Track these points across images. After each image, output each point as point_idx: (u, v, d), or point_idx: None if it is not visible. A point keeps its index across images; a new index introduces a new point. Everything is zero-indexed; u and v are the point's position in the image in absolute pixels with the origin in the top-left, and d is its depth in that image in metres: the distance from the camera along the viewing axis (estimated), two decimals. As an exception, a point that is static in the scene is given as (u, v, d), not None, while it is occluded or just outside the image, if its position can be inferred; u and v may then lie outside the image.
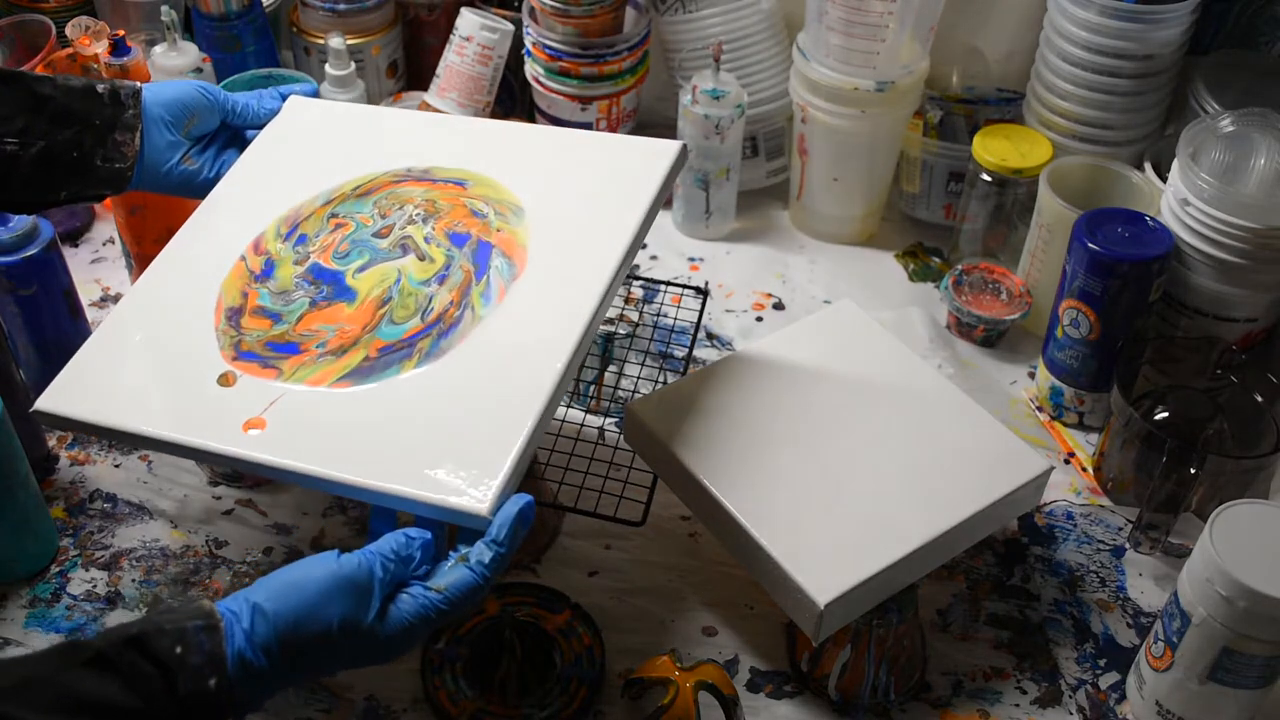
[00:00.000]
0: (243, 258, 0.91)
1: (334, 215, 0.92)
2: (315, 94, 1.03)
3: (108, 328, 0.88)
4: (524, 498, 0.75)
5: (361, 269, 0.88)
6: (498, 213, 0.90)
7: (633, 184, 0.90)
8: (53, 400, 0.85)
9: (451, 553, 0.75)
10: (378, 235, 0.90)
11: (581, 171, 0.93)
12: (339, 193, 0.94)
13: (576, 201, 0.90)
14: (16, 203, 0.91)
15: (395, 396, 0.81)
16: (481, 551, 0.74)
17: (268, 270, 0.89)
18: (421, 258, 0.88)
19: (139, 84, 0.93)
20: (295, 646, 0.69)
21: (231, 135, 0.99)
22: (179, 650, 0.65)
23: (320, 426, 0.80)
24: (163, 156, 0.93)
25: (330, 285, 0.87)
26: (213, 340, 0.86)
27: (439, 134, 0.99)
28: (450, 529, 0.77)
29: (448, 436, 0.78)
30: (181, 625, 0.67)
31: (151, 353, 0.86)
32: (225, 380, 0.83)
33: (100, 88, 0.91)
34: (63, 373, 0.86)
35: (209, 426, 0.81)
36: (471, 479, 0.75)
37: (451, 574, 0.73)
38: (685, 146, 0.93)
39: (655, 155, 0.92)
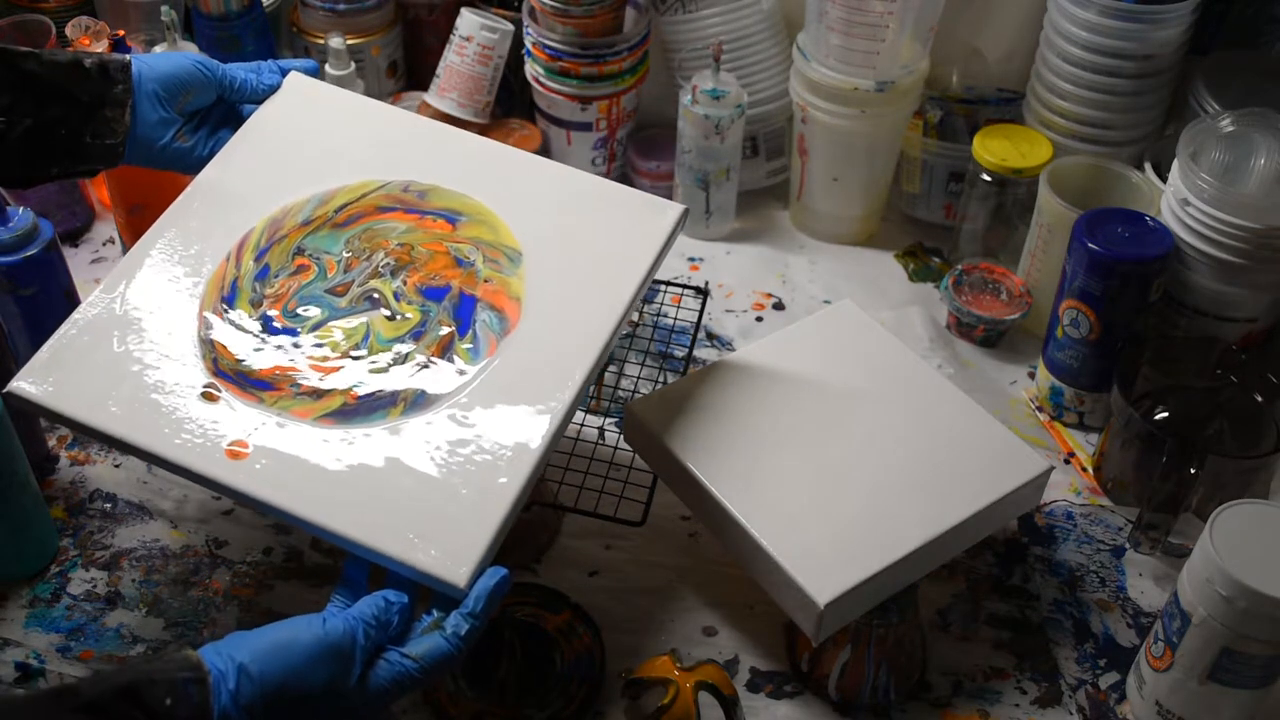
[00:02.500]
0: (227, 257, 0.88)
1: (300, 251, 0.88)
2: (316, 73, 1.00)
3: (90, 311, 0.85)
4: (500, 571, 0.76)
5: (319, 324, 0.85)
6: (488, 259, 0.88)
7: (635, 242, 0.89)
8: (29, 385, 0.82)
9: (425, 615, 0.76)
10: (333, 292, 0.86)
11: (585, 220, 0.91)
12: (323, 210, 0.91)
13: (577, 253, 0.88)
14: (7, 179, 0.90)
15: (381, 444, 0.80)
16: (458, 623, 0.74)
17: (230, 297, 0.86)
18: (392, 316, 0.85)
19: (128, 57, 0.91)
20: (278, 709, 0.69)
21: (227, 111, 0.97)
22: (169, 702, 0.66)
23: (305, 464, 0.79)
24: (155, 133, 0.91)
25: (287, 338, 0.84)
26: (195, 347, 0.84)
27: (447, 149, 0.95)
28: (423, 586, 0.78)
29: (431, 497, 0.77)
30: (172, 677, 0.67)
31: (136, 348, 0.84)
32: (209, 395, 0.82)
33: (88, 62, 0.89)
34: (40, 353, 0.83)
35: (191, 444, 0.79)
36: (451, 548, 0.75)
37: (426, 642, 0.74)
38: (686, 210, 0.93)
39: (659, 215, 0.91)
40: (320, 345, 0.84)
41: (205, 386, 0.82)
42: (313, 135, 0.95)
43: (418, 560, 0.75)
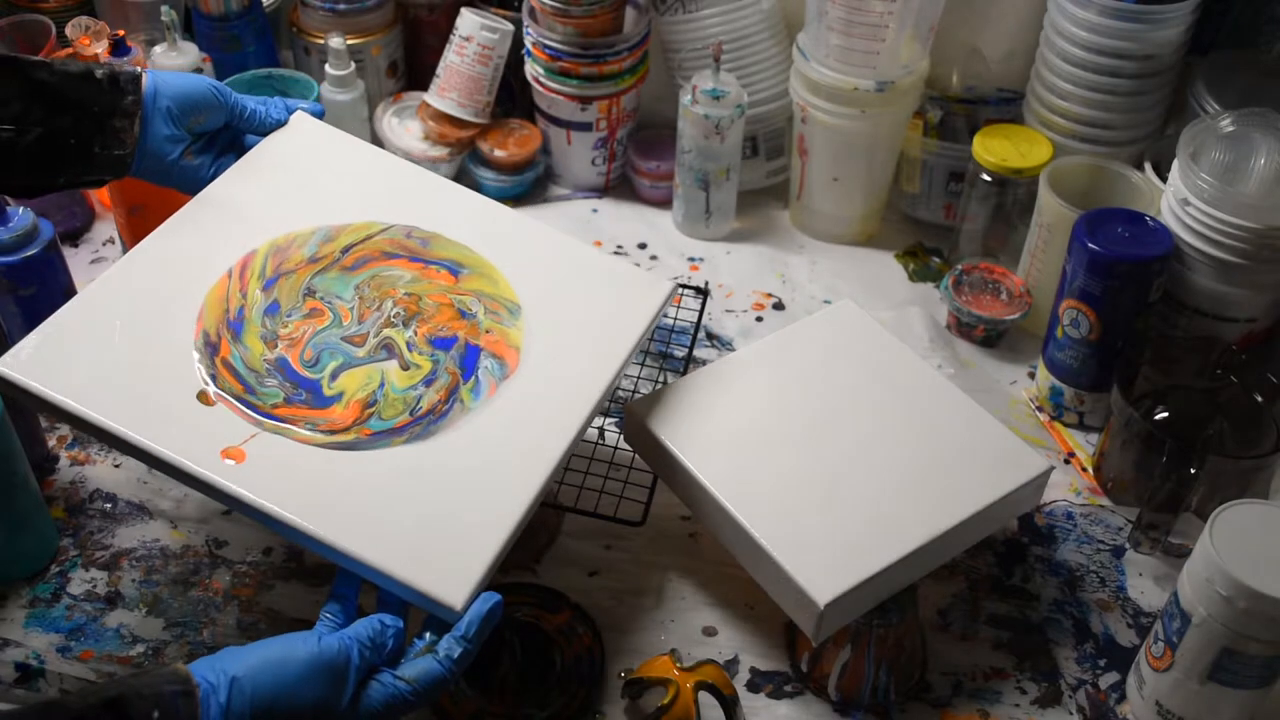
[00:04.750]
0: (229, 273, 0.89)
1: (311, 292, 0.89)
2: (321, 115, 1.02)
3: (85, 302, 0.86)
4: (494, 596, 0.76)
5: (338, 372, 0.85)
6: (489, 310, 0.90)
7: (628, 312, 0.92)
8: (16, 367, 0.81)
9: (417, 639, 0.76)
10: (350, 341, 0.87)
11: (580, 284, 0.94)
12: (330, 248, 0.92)
13: (572, 314, 0.91)
14: (14, 188, 0.90)
15: (381, 467, 0.80)
16: (451, 647, 0.75)
17: (238, 326, 0.86)
18: (405, 367, 0.86)
19: (139, 69, 0.91)
20: None
21: (233, 138, 0.98)
22: (156, 715, 0.66)
23: (303, 476, 0.79)
24: (164, 148, 0.92)
25: (309, 392, 0.84)
26: (191, 352, 0.84)
27: (448, 201, 0.97)
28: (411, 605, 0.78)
29: (431, 519, 0.78)
30: (159, 690, 0.67)
31: (130, 343, 0.84)
32: (204, 398, 0.82)
33: (99, 73, 0.89)
34: (30, 337, 0.83)
35: (184, 442, 0.79)
36: (450, 571, 0.76)
37: (419, 665, 0.75)
38: (677, 285, 0.97)
39: (651, 289, 0.94)
40: (338, 397, 0.84)
41: (201, 391, 0.82)
42: (316, 172, 0.97)
43: (416, 580, 0.75)
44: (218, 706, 0.68)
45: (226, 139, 0.98)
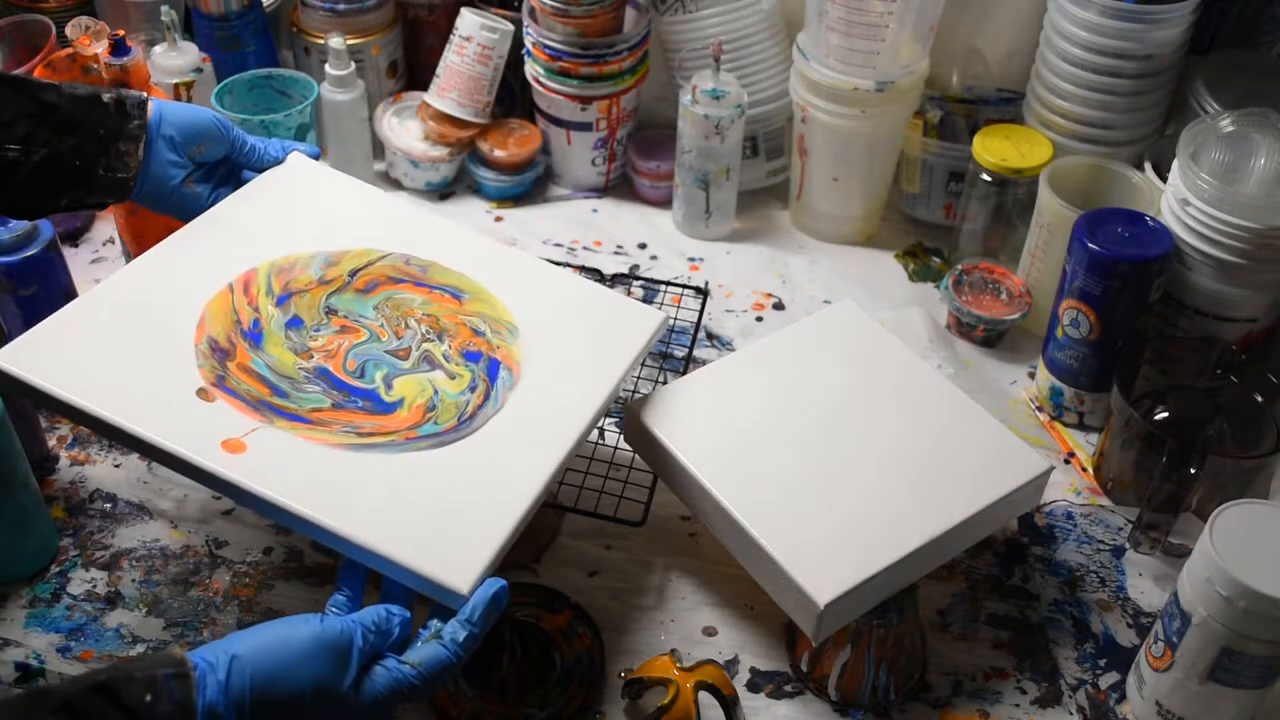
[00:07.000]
0: (230, 287, 0.90)
1: (333, 310, 0.91)
2: (317, 157, 1.03)
3: (85, 304, 0.87)
4: (498, 582, 0.76)
5: (389, 381, 0.87)
6: (494, 330, 0.93)
7: (620, 337, 0.94)
8: (14, 361, 0.82)
9: (423, 630, 0.77)
10: (396, 355, 0.89)
11: (574, 309, 0.96)
12: (336, 271, 0.94)
13: (570, 332, 0.93)
14: (17, 208, 0.91)
15: (388, 465, 0.81)
16: (456, 630, 0.75)
17: (256, 336, 0.88)
18: (452, 376, 0.89)
19: (145, 95, 0.93)
20: (267, 704, 0.69)
21: (231, 170, 1.00)
22: (149, 698, 0.65)
23: (308, 469, 0.80)
24: (167, 173, 0.94)
25: (367, 400, 0.86)
26: (191, 355, 0.85)
27: (440, 234, 0.99)
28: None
29: (437, 511, 0.79)
30: (152, 673, 0.66)
31: (128, 342, 0.85)
32: (204, 395, 0.83)
33: (106, 96, 0.91)
34: (28, 333, 0.84)
35: (184, 434, 0.80)
36: (456, 557, 0.76)
37: (425, 650, 0.75)
38: (668, 319, 0.99)
39: (643, 318, 0.96)
40: (399, 403, 0.86)
41: (201, 388, 0.83)
42: (312, 204, 0.99)
43: (422, 566, 0.76)
44: (216, 684, 0.67)
45: (224, 172, 1.00)
